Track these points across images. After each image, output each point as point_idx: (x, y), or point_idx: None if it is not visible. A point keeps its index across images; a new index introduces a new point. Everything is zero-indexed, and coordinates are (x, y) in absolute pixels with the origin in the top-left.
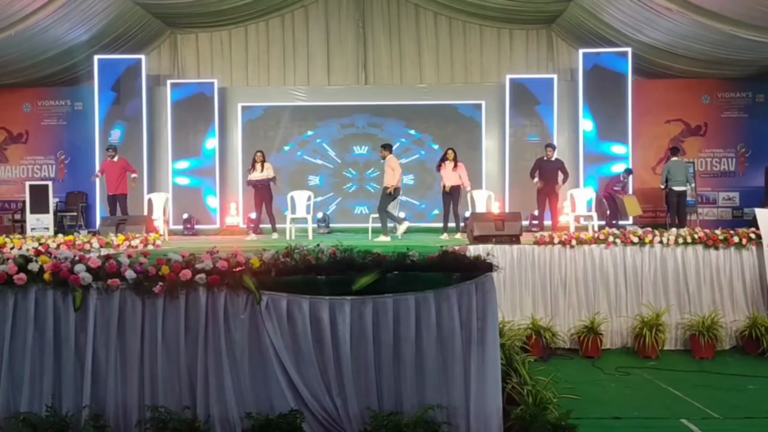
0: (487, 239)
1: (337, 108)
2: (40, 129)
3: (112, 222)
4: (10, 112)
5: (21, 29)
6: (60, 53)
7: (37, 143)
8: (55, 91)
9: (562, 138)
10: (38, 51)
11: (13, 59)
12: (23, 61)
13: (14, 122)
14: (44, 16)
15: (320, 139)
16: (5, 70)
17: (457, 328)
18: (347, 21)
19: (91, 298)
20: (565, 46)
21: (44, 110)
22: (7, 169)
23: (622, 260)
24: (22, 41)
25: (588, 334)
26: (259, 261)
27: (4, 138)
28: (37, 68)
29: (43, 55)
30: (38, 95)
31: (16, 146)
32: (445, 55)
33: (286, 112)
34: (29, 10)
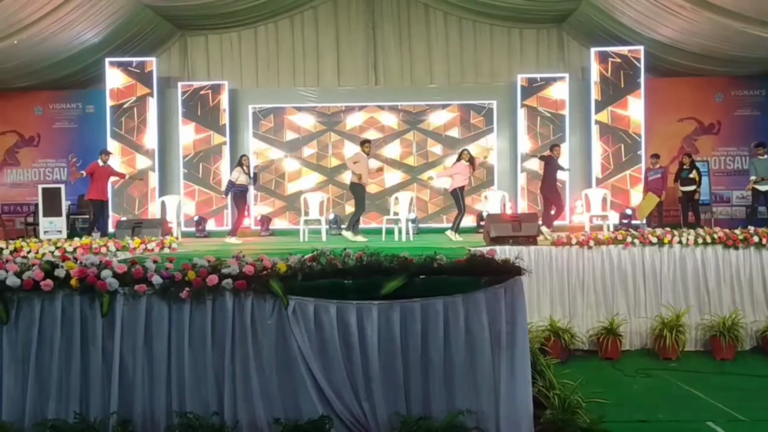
0: (503, 240)
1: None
2: (51, 132)
3: (128, 225)
4: (21, 115)
5: (32, 33)
6: (71, 56)
7: (48, 146)
8: (66, 94)
9: (574, 138)
10: (49, 54)
11: (25, 63)
12: (34, 64)
13: (26, 125)
14: (55, 20)
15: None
16: (17, 74)
17: (486, 332)
18: (357, 22)
19: (118, 303)
20: (576, 44)
21: (56, 113)
22: (19, 172)
23: (640, 261)
24: (34, 45)
25: (607, 336)
26: (285, 265)
27: (15, 141)
28: (48, 71)
29: (55, 58)
30: (50, 98)
31: (28, 149)
32: (455, 55)
33: (295, 113)
34: (41, 13)
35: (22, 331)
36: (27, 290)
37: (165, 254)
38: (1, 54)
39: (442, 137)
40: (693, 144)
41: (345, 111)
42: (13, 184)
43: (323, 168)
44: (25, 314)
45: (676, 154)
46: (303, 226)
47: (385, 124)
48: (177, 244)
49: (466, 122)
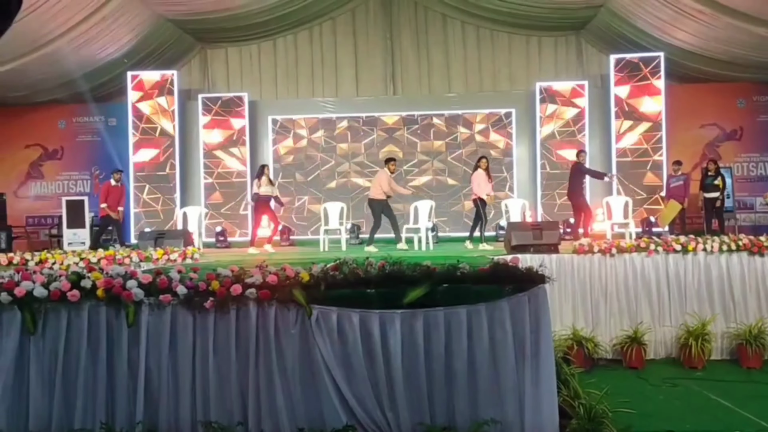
0: (525, 248)
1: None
2: (75, 145)
3: (151, 236)
4: (45, 128)
5: (55, 48)
6: (94, 70)
7: (72, 159)
8: (89, 108)
9: (593, 144)
10: (72, 69)
11: (49, 77)
12: (58, 78)
13: (50, 139)
14: (78, 35)
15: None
16: (41, 88)
17: (510, 341)
18: (375, 32)
19: (143, 313)
20: (595, 51)
21: (79, 126)
22: (44, 185)
23: (664, 268)
24: (57, 60)
25: (631, 345)
26: (308, 275)
27: (40, 154)
28: (71, 86)
29: (77, 72)
30: (73, 112)
31: (52, 162)
32: (473, 63)
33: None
34: (64, 28)
35: (49, 342)
36: (54, 301)
37: (189, 264)
38: (25, 68)
39: (459, 146)
40: (715, 150)
41: (364, 122)
42: (38, 197)
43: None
44: (52, 325)
45: (698, 161)
46: (323, 236)
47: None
48: (199, 255)
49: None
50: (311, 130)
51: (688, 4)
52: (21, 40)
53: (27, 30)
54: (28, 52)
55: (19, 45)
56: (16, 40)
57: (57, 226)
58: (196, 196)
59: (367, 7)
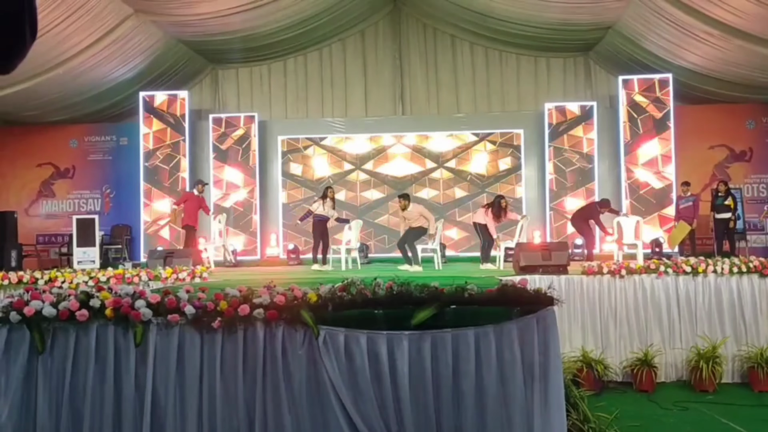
0: (533, 269)
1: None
2: (86, 164)
3: (160, 255)
4: (57, 148)
5: (68, 68)
6: (106, 90)
7: (83, 178)
8: (100, 127)
9: (603, 166)
10: (85, 89)
11: (61, 97)
12: (70, 98)
13: (61, 158)
14: (91, 55)
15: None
16: (53, 108)
17: (518, 363)
18: (384, 53)
19: (151, 333)
20: (603, 73)
21: (90, 146)
22: (55, 204)
23: (674, 290)
24: (70, 80)
25: (642, 367)
26: (316, 295)
27: (51, 173)
28: (83, 105)
29: (90, 92)
30: (84, 131)
31: (63, 181)
32: (481, 84)
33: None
34: (77, 49)
35: (57, 361)
36: (62, 320)
37: (197, 284)
38: (38, 88)
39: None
40: (725, 171)
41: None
42: (48, 215)
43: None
44: (60, 344)
45: (707, 182)
46: (345, 255)
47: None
48: (208, 274)
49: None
50: (320, 149)
51: (697, 26)
52: (34, 60)
53: (40, 50)
54: (41, 72)
55: (32, 65)
56: (29, 60)
57: (67, 245)
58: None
59: (376, 28)
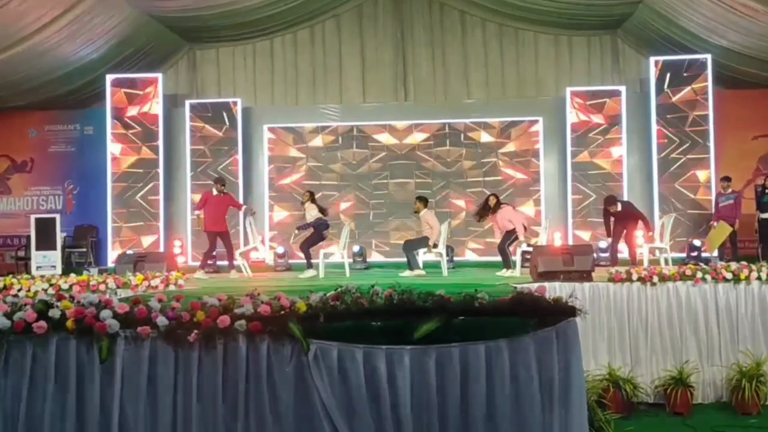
0: (553, 275)
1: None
2: (46, 156)
3: (130, 259)
4: (14, 138)
5: (27, 47)
6: (69, 73)
7: (43, 172)
8: (63, 115)
9: (632, 159)
10: (47, 70)
11: (19, 80)
12: (29, 81)
13: (18, 149)
14: (53, 32)
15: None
16: (10, 92)
17: (535, 383)
18: (384, 31)
19: (119, 348)
20: (633, 53)
21: (51, 135)
22: (10, 201)
23: (713, 299)
24: (28, 60)
25: (676, 387)
26: (305, 305)
27: (7, 167)
28: (44, 89)
29: (52, 74)
30: (45, 119)
31: (20, 176)
32: (495, 66)
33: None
34: (37, 25)
35: (11, 379)
36: (18, 333)
37: (171, 292)
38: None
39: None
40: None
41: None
42: (3, 214)
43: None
44: (16, 360)
45: (750, 177)
46: (322, 259)
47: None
48: (183, 281)
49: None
50: (311, 140)
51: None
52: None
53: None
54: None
55: None
56: None
57: (24, 248)
58: (182, 214)
59: (375, 2)
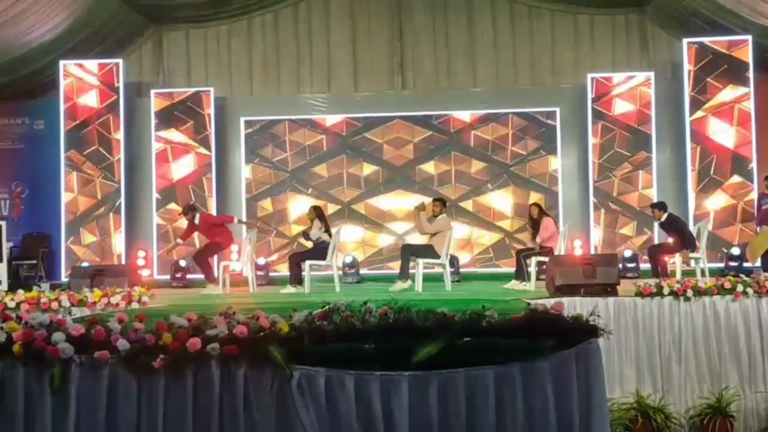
0: (573, 290)
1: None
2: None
3: (86, 273)
4: None
5: None
6: (17, 58)
7: None
8: (8, 107)
9: (662, 156)
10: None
11: None
12: None
13: None
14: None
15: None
16: None
17: (551, 413)
18: (379, 9)
19: (73, 375)
20: (663, 34)
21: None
22: None
23: (756, 316)
24: None
25: (714, 416)
26: (287, 325)
27: None
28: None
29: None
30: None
31: None
32: (505, 50)
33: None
34: None
35: None
36: None
37: (134, 310)
38: None
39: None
40: None
41: (364, 126)
42: None
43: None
44: None
45: None
46: (337, 271)
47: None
48: (148, 297)
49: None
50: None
51: None
52: None
53: None
54: None
55: None
56: None
57: None
58: (146, 220)
59: None
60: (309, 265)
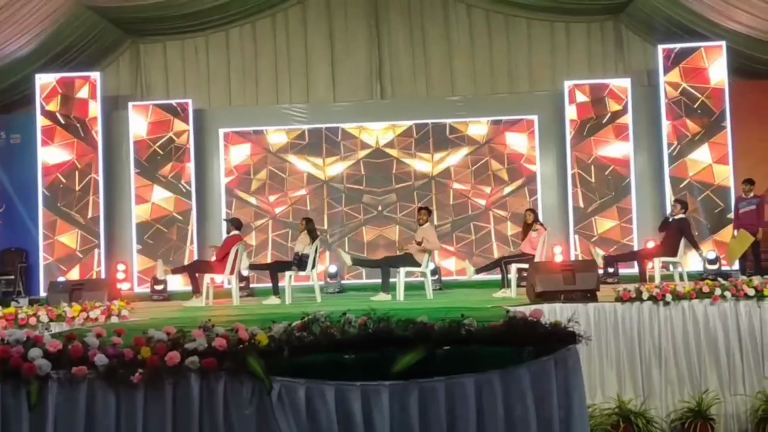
0: (553, 296)
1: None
2: None
3: (65, 288)
4: None
5: None
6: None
7: None
8: None
9: (640, 158)
10: None
11: None
12: None
13: None
14: None
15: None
16: None
17: (532, 420)
18: (356, 19)
19: (51, 392)
20: (638, 41)
21: None
22: None
23: (734, 319)
24: None
25: (694, 420)
26: (267, 337)
27: None
28: None
29: None
30: None
31: None
32: (483, 58)
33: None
34: None
35: None
36: None
37: (112, 325)
38: None
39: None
40: None
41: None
42: None
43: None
44: None
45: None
46: (317, 281)
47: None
48: (128, 311)
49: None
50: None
51: None
52: None
53: None
54: None
55: None
56: None
57: None
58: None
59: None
60: (289, 276)
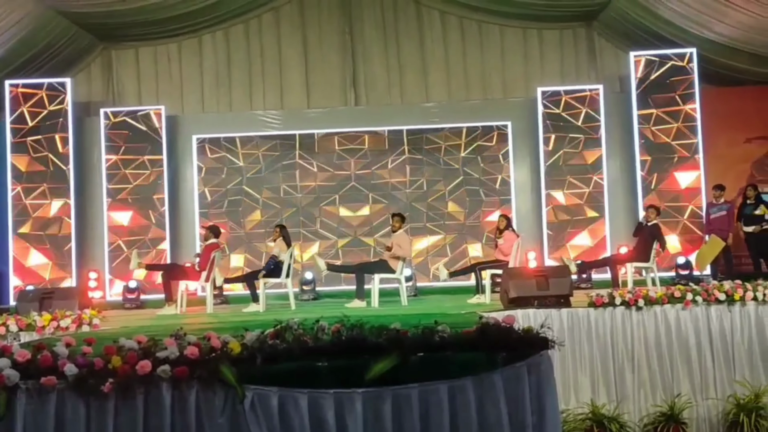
0: (526, 302)
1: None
2: None
3: (35, 296)
4: None
5: None
6: None
7: None
8: None
9: (613, 164)
10: None
11: None
12: None
13: None
14: None
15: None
16: None
17: (505, 425)
18: (330, 25)
19: (19, 402)
20: (610, 48)
21: None
22: None
23: (705, 324)
24: None
25: (667, 424)
26: (239, 345)
27: None
28: None
29: None
30: None
31: None
32: (456, 65)
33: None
34: None
35: None
36: None
37: (83, 334)
38: None
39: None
40: (766, 170)
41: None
42: None
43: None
44: None
45: (744, 184)
46: (292, 288)
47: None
48: (99, 320)
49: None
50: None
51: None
52: None
53: None
54: None
55: None
56: None
57: None
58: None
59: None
60: (264, 283)
